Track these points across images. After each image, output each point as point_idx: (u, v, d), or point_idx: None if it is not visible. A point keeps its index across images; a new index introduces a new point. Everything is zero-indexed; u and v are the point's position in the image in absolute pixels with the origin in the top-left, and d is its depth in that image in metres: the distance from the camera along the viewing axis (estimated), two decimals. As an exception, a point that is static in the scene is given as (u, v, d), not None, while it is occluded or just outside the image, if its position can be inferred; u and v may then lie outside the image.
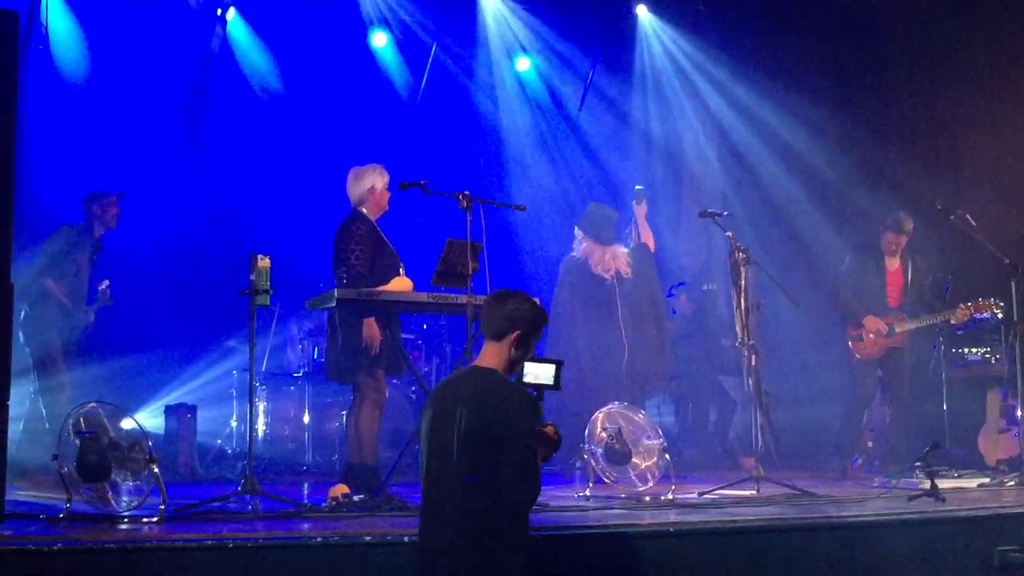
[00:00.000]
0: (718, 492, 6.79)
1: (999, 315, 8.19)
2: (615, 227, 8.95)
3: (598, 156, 11.73)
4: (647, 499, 6.57)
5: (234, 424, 9.46)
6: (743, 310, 7.27)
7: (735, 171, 11.33)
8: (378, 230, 6.70)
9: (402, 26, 11.05)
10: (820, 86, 10.84)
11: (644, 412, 7.13)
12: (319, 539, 4.85)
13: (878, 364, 8.72)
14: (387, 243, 6.71)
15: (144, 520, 5.38)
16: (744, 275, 7.28)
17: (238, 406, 9.39)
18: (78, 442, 5.52)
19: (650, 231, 9.25)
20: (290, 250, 8.63)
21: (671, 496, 6.60)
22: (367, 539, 4.84)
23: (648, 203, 9.39)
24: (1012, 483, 7.48)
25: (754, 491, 6.79)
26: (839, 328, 8.89)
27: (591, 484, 6.71)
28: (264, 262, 6.16)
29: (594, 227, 8.81)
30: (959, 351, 9.18)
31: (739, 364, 8.99)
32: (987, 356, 9.05)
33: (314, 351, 9.64)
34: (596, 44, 11.55)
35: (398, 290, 6.44)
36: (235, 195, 10.09)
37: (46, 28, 9.56)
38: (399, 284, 6.52)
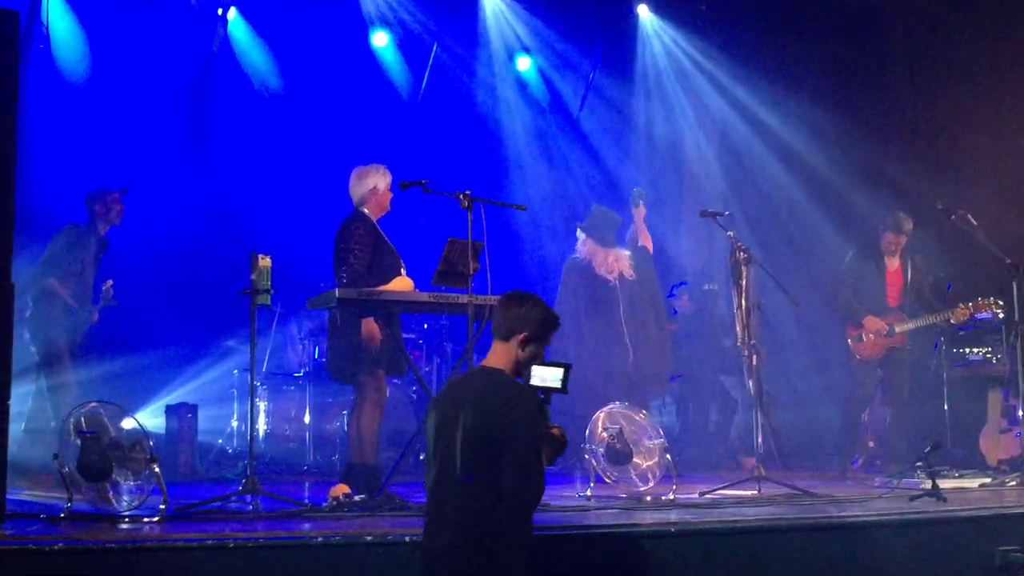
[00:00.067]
0: (719, 492, 6.79)
1: (1000, 315, 8.19)
2: (617, 230, 8.95)
3: (599, 156, 11.73)
4: (648, 499, 6.57)
5: (235, 424, 9.47)
6: (744, 310, 7.27)
7: (736, 171, 11.32)
8: (379, 230, 6.70)
9: (403, 26, 11.06)
10: (820, 86, 10.84)
11: (645, 412, 7.13)
12: (320, 539, 4.85)
13: (878, 364, 8.72)
14: (388, 243, 6.71)
15: (145, 520, 5.37)
16: (745, 275, 7.28)
17: (239, 406, 9.40)
18: (79, 442, 5.52)
19: (648, 234, 9.25)
20: (291, 250, 8.63)
21: (672, 496, 6.59)
22: (368, 539, 4.84)
23: (648, 204, 9.39)
24: (1013, 483, 7.47)
25: (755, 491, 6.79)
26: (839, 328, 8.89)
27: (592, 484, 6.70)
28: (265, 262, 6.16)
29: (597, 229, 8.81)
30: (960, 351, 9.18)
31: (740, 364, 8.98)
32: (988, 356, 9.05)
33: (315, 351, 9.64)
34: (597, 44, 11.56)
35: (399, 290, 6.44)
36: (236, 195, 10.09)
37: (47, 28, 9.56)
38: (400, 284, 6.52)
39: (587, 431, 6.82)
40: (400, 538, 4.81)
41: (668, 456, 6.83)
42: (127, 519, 5.40)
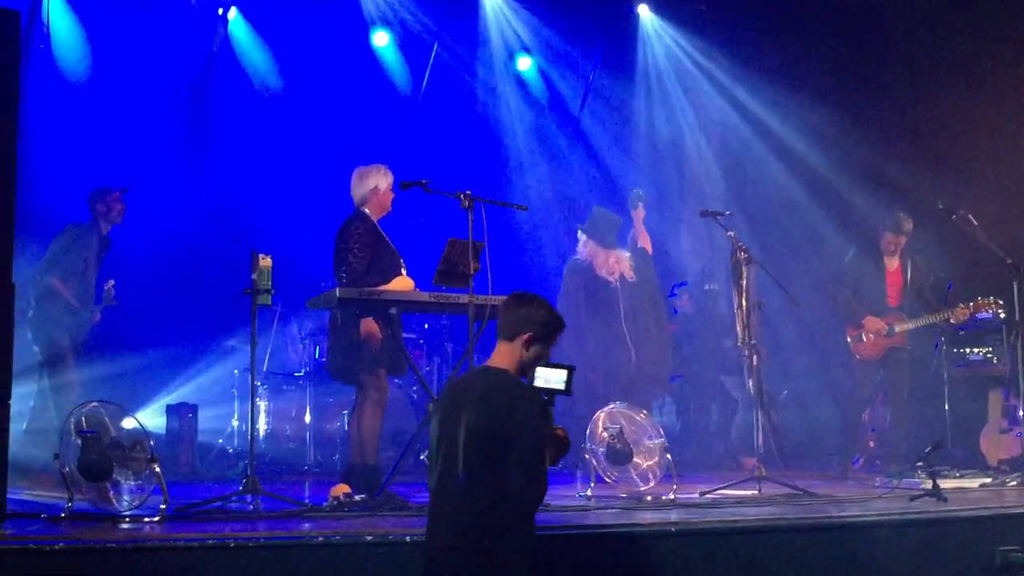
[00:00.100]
0: (720, 492, 6.79)
1: (1001, 315, 8.19)
2: (618, 231, 8.95)
3: (599, 155, 11.73)
4: (648, 499, 6.57)
5: (235, 423, 9.47)
6: (744, 310, 7.27)
7: (736, 171, 11.33)
8: (379, 230, 6.70)
9: (403, 25, 11.06)
10: (820, 86, 10.83)
11: (646, 412, 7.13)
12: (320, 539, 4.85)
13: (879, 364, 8.72)
14: (387, 242, 6.71)
15: (145, 519, 5.38)
16: (746, 275, 7.28)
17: (239, 405, 9.41)
18: (80, 441, 5.52)
19: (647, 235, 9.24)
20: (291, 249, 8.62)
21: (673, 496, 6.59)
22: (368, 539, 4.83)
23: (648, 205, 9.38)
24: (1014, 483, 7.48)
25: (756, 491, 6.79)
26: (839, 328, 8.89)
27: (593, 484, 6.70)
28: (266, 261, 6.16)
29: (598, 231, 8.81)
30: (961, 351, 9.18)
31: (740, 364, 8.98)
32: (989, 356, 9.04)
33: (315, 350, 9.64)
34: (597, 44, 11.56)
35: (399, 289, 6.44)
36: (237, 194, 10.09)
37: (47, 27, 9.56)
38: (400, 283, 6.52)
39: (587, 431, 6.82)
40: (401, 538, 4.81)
41: (668, 456, 6.83)
42: (128, 519, 5.40)
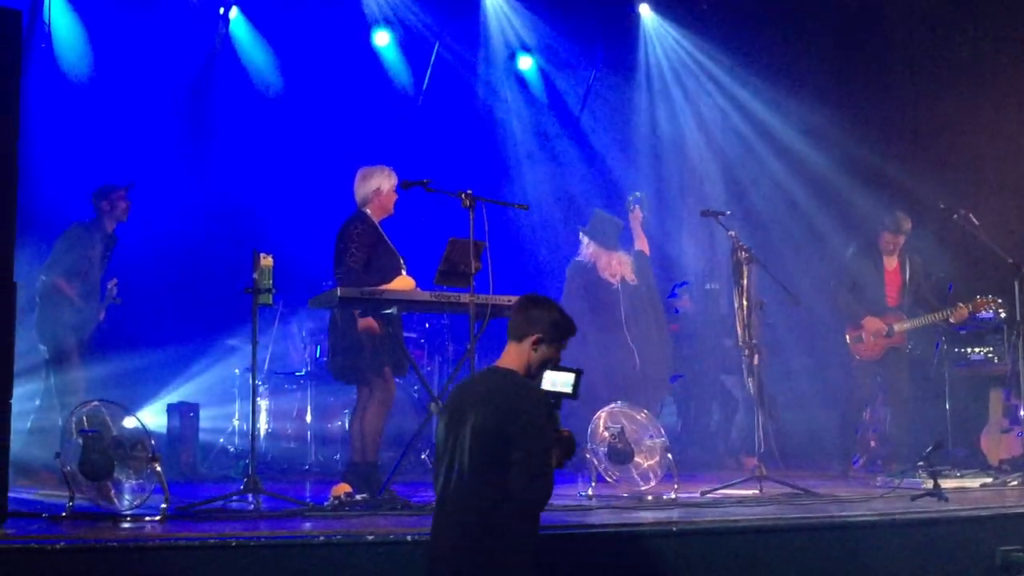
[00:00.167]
0: (721, 491, 6.80)
1: (1001, 314, 8.19)
2: (620, 233, 8.95)
3: (600, 155, 11.72)
4: (650, 498, 6.57)
5: (236, 423, 9.47)
6: (745, 309, 7.27)
7: (737, 170, 11.32)
8: (379, 230, 6.70)
9: (404, 25, 11.06)
10: (821, 86, 10.83)
11: (646, 411, 7.13)
12: (321, 538, 4.85)
13: (878, 365, 8.72)
14: (387, 243, 6.70)
15: (147, 519, 5.38)
16: (746, 274, 7.28)
17: (240, 405, 9.41)
18: (81, 441, 5.53)
19: (644, 237, 9.24)
20: (293, 249, 8.61)
21: (673, 495, 6.60)
22: (370, 538, 4.84)
23: (648, 206, 9.38)
24: (1015, 483, 7.48)
25: (756, 490, 6.80)
26: (839, 328, 8.89)
27: (594, 483, 6.71)
28: (267, 261, 6.16)
29: (599, 233, 8.81)
30: (961, 351, 9.17)
31: (741, 363, 8.98)
32: (990, 356, 9.05)
33: (316, 350, 9.64)
34: (598, 43, 11.55)
35: (400, 289, 6.44)
36: (238, 194, 10.08)
37: (49, 27, 9.56)
38: (401, 283, 6.52)
39: (589, 431, 6.82)
40: (402, 537, 4.81)
41: (669, 455, 6.83)
42: (129, 518, 5.40)
